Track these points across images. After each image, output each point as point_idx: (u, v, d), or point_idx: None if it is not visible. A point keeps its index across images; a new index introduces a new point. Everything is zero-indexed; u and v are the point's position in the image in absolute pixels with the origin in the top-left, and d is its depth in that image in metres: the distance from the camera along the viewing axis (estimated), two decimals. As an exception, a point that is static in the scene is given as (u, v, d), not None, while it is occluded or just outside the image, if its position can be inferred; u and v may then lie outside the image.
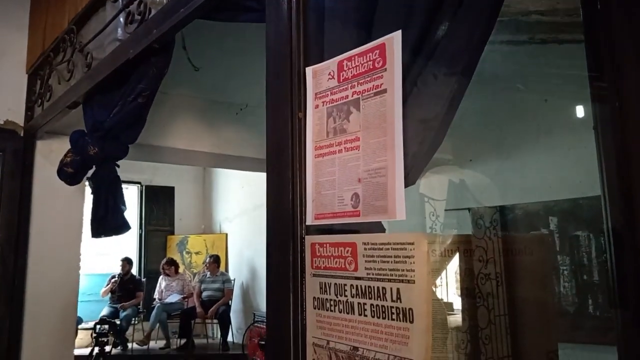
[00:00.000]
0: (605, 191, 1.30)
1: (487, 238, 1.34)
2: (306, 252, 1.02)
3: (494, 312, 1.37)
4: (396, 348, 0.82)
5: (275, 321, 1.06)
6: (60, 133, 2.83)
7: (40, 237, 2.82)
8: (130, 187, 7.52)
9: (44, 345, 2.69)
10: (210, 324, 7.10)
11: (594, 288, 3.79)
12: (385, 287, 0.85)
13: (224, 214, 7.79)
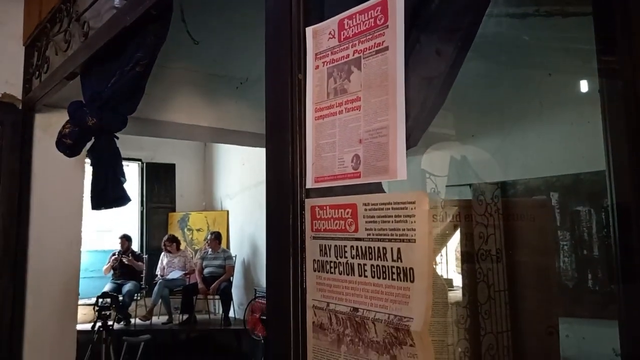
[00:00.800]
0: (610, 166, 1.29)
1: (488, 214, 1.34)
2: (306, 215, 1.01)
3: (493, 287, 1.37)
4: (396, 308, 0.81)
5: (276, 285, 1.05)
6: (59, 106, 2.80)
7: (41, 211, 2.82)
8: (131, 164, 7.51)
9: (46, 318, 2.72)
10: (212, 299, 7.17)
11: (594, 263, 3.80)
12: (385, 247, 0.84)
13: (225, 191, 7.80)
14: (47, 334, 2.73)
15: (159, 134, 4.13)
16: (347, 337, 0.91)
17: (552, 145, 3.96)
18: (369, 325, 0.86)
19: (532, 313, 1.42)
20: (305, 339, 0.99)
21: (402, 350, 0.80)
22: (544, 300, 1.42)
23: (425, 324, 0.77)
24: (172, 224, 7.74)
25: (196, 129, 3.65)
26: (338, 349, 0.92)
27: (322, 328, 0.96)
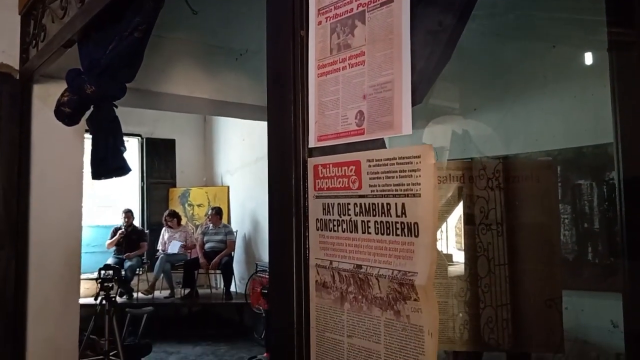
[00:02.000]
0: (618, 138, 1.27)
1: (489, 189, 1.33)
2: (309, 174, 0.99)
3: (493, 261, 1.37)
4: (400, 263, 0.81)
5: (278, 245, 1.05)
6: (57, 77, 2.76)
7: (41, 183, 2.81)
8: (130, 139, 7.48)
9: (50, 290, 2.73)
10: (214, 274, 7.23)
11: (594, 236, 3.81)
12: (389, 203, 0.83)
13: (226, 167, 7.79)
14: (51, 305, 2.74)
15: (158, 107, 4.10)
16: (350, 294, 0.90)
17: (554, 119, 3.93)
18: (372, 281, 0.86)
19: (531, 286, 1.42)
20: (308, 298, 0.99)
21: (406, 305, 0.80)
22: (544, 272, 1.42)
23: (430, 278, 0.76)
24: (172, 200, 7.75)
25: (195, 101, 3.62)
26: (341, 306, 0.92)
27: (325, 286, 0.95)
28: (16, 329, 2.61)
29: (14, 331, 2.60)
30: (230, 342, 6.32)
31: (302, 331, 0.99)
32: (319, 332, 0.96)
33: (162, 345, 6.12)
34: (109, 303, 3.41)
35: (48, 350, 2.70)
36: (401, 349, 0.81)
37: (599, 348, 3.52)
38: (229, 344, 6.26)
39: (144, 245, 6.91)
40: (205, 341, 6.38)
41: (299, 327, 0.99)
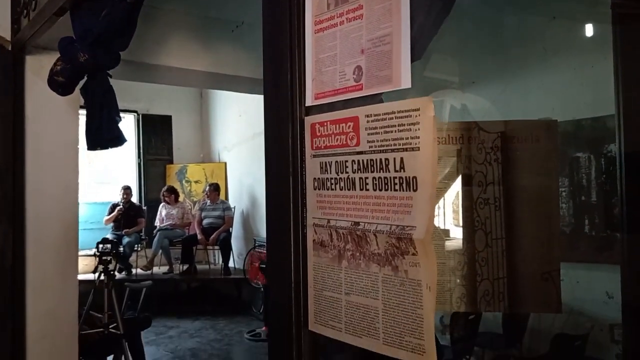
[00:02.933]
0: (620, 111, 1.26)
1: (487, 163, 1.32)
2: (306, 133, 0.98)
3: (491, 235, 1.37)
4: (398, 218, 0.80)
5: (275, 205, 1.04)
6: (49, 48, 2.72)
7: (36, 156, 2.78)
8: (126, 115, 7.42)
9: (48, 263, 2.72)
10: (212, 250, 7.26)
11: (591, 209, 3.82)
12: (388, 158, 0.82)
13: (223, 143, 7.75)
14: (50, 279, 2.74)
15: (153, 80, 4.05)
16: (347, 252, 0.90)
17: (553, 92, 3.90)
18: (370, 238, 0.85)
19: (528, 259, 1.43)
20: (306, 258, 0.98)
21: (404, 260, 0.80)
22: (542, 244, 1.42)
23: (428, 232, 0.76)
24: (170, 176, 7.73)
25: (191, 74, 3.57)
26: (339, 264, 0.92)
27: (323, 245, 0.95)
28: (15, 302, 2.61)
29: (13, 304, 2.61)
30: (229, 317, 6.39)
31: (300, 291, 0.99)
32: (317, 290, 0.96)
33: (161, 320, 6.19)
34: (107, 277, 3.42)
35: (48, 323, 2.72)
36: (399, 304, 0.81)
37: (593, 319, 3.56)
38: (227, 319, 6.33)
39: (141, 221, 6.92)
40: (204, 316, 6.44)
41: (296, 286, 0.99)
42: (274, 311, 1.04)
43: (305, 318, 0.99)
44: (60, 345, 2.78)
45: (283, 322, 1.00)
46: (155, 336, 5.64)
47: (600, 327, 3.48)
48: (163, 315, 6.36)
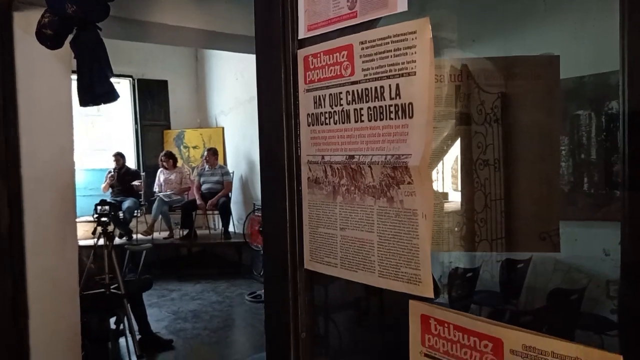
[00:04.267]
0: (625, 66, 1.21)
1: (487, 124, 1.29)
2: (299, 67, 0.95)
3: (490, 196, 1.35)
4: (394, 147, 0.78)
5: (269, 144, 1.01)
6: (37, 3, 2.64)
7: (29, 117, 2.73)
8: (121, 80, 7.32)
9: (45, 221, 2.72)
10: (212, 214, 7.28)
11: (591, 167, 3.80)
12: (383, 86, 0.79)
13: (220, 108, 7.67)
14: (48, 238, 2.74)
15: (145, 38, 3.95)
16: (342, 187, 0.88)
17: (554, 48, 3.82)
18: (365, 170, 0.83)
19: (527, 220, 1.42)
20: (300, 196, 0.96)
21: (399, 190, 0.78)
22: (540, 205, 1.42)
23: (424, 159, 0.73)
24: (167, 142, 7.68)
25: (185, 32, 3.48)
26: (334, 200, 0.90)
27: (317, 182, 0.93)
28: (14, 261, 2.62)
29: (12, 263, 2.61)
30: (230, 280, 6.46)
31: (295, 229, 0.97)
32: (312, 228, 0.95)
33: (163, 283, 6.26)
34: (106, 238, 3.43)
35: (48, 283, 2.73)
36: (395, 236, 0.79)
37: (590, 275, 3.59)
38: (228, 282, 6.40)
39: (140, 181, 6.92)
40: (206, 279, 6.52)
41: (291, 225, 0.98)
42: (269, 251, 1.03)
43: (301, 257, 0.98)
44: (61, 304, 2.81)
45: (279, 261, 0.99)
46: (157, 299, 5.71)
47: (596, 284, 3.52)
48: (165, 279, 6.44)
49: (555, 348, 0.62)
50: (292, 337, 0.98)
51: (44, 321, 2.70)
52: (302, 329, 0.99)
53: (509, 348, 0.66)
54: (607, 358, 0.58)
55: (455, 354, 0.72)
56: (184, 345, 4.46)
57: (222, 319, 5.13)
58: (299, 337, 0.98)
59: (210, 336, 4.70)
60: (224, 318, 5.17)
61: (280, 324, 0.99)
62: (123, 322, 4.35)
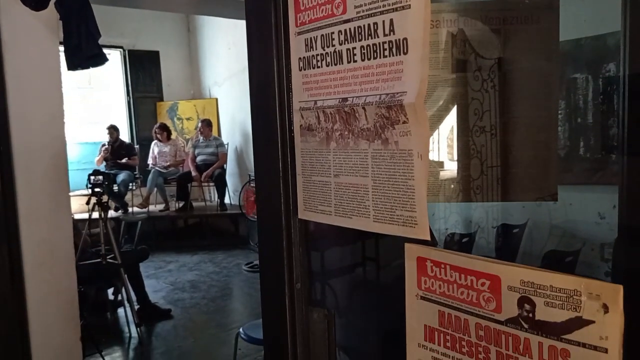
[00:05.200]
0: (626, 28, 1.17)
1: (484, 90, 1.26)
2: (289, 9, 0.91)
3: (486, 163, 1.34)
4: (388, 86, 0.75)
5: (259, 92, 0.98)
6: (20, -35, 2.55)
7: (17, 83, 2.67)
8: (112, 51, 7.19)
9: (38, 189, 2.69)
10: (207, 186, 7.26)
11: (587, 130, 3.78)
12: (377, 22, 0.76)
13: (213, 78, 7.57)
14: (42, 206, 2.72)
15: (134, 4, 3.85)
16: (336, 132, 0.86)
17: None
18: (359, 113, 0.80)
19: (523, 186, 1.41)
20: (293, 145, 0.94)
21: (394, 130, 0.75)
22: (537, 171, 1.41)
23: (420, 95, 0.71)
24: (160, 114, 7.60)
25: (175, -4, 3.39)
26: (327, 146, 0.88)
27: (310, 129, 0.90)
28: (9, 230, 2.60)
29: (7, 232, 2.60)
30: (227, 251, 6.49)
31: (288, 179, 0.95)
32: (305, 177, 0.93)
33: (160, 255, 6.29)
34: (101, 208, 3.41)
35: (44, 251, 2.72)
36: (389, 178, 0.77)
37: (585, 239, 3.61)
38: (225, 253, 6.43)
39: (135, 158, 6.87)
40: (203, 250, 6.54)
41: (284, 175, 0.95)
42: (262, 203, 1.01)
43: (295, 207, 0.96)
44: (58, 274, 2.80)
45: (272, 212, 0.97)
46: (155, 270, 5.74)
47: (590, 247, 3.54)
48: (162, 251, 6.46)
49: (553, 282, 0.60)
50: (287, 288, 0.97)
51: (41, 290, 2.70)
52: (297, 279, 0.97)
53: (506, 285, 0.65)
54: (608, 289, 0.57)
55: (451, 295, 0.71)
56: (183, 315, 4.50)
57: (219, 289, 5.17)
58: (293, 288, 0.97)
59: (209, 305, 4.74)
60: (221, 288, 5.21)
61: (275, 275, 0.98)
62: (121, 293, 4.38)
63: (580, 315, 0.59)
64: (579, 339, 0.59)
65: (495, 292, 0.66)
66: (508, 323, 0.65)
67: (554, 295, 0.60)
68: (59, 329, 2.82)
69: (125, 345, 4.01)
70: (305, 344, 0.97)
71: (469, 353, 0.70)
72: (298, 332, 0.98)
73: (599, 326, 0.57)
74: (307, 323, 0.97)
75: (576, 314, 0.59)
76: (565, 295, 0.60)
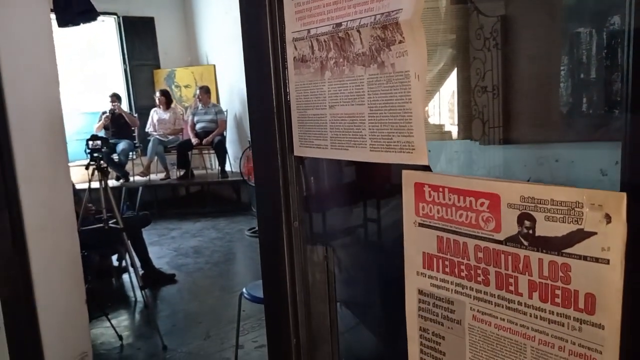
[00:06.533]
0: None
1: (486, 49, 1.22)
2: None
3: (488, 124, 1.32)
4: (383, 5, 0.72)
5: (249, 23, 0.95)
6: None
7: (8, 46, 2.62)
8: (106, 18, 7.06)
9: (36, 152, 2.66)
10: (207, 154, 7.24)
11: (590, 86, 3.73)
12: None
13: (210, 44, 7.45)
14: (40, 169, 2.70)
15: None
16: (330, 60, 0.83)
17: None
18: (353, 36, 0.77)
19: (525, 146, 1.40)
20: (287, 79, 0.91)
21: (390, 52, 0.72)
22: (538, 129, 1.39)
23: (417, 12, 0.68)
24: (158, 82, 7.51)
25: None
26: (322, 77, 0.85)
27: (304, 60, 0.87)
28: (8, 194, 2.59)
29: (6, 196, 2.59)
30: (229, 217, 6.51)
31: (282, 115, 0.93)
32: (300, 111, 0.90)
33: (163, 223, 6.32)
34: (101, 173, 3.40)
35: (44, 214, 2.72)
36: (386, 104, 0.75)
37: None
38: (228, 219, 6.45)
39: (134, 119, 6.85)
40: (205, 217, 6.57)
41: (279, 111, 0.93)
42: (258, 142, 0.99)
43: (290, 144, 0.94)
44: (60, 237, 2.81)
45: (267, 151, 0.95)
46: (158, 237, 5.77)
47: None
48: (164, 218, 6.49)
49: (554, 195, 0.59)
50: (285, 227, 0.96)
51: (44, 253, 2.71)
52: (294, 218, 0.96)
53: (506, 202, 0.63)
54: (611, 197, 0.55)
55: (450, 219, 0.70)
56: (186, 279, 4.54)
57: (222, 254, 5.20)
58: (291, 226, 0.96)
59: (212, 269, 4.78)
60: (224, 253, 5.25)
61: (272, 213, 0.97)
62: (125, 259, 4.42)
63: (582, 228, 0.57)
64: (580, 252, 0.57)
65: (494, 211, 0.64)
66: (507, 242, 0.64)
67: (555, 209, 0.59)
68: (64, 292, 2.85)
69: (131, 308, 4.06)
70: (304, 282, 0.96)
71: (468, 277, 0.69)
72: (297, 270, 0.97)
73: (600, 237, 0.56)
74: (305, 260, 0.96)
75: (577, 227, 0.57)
76: (566, 208, 0.58)
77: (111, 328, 3.44)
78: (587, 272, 0.57)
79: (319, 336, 1.03)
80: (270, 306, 1.01)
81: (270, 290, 1.01)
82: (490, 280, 0.66)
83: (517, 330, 0.64)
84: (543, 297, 0.61)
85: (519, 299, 0.64)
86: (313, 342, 1.01)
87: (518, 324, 0.64)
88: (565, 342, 0.60)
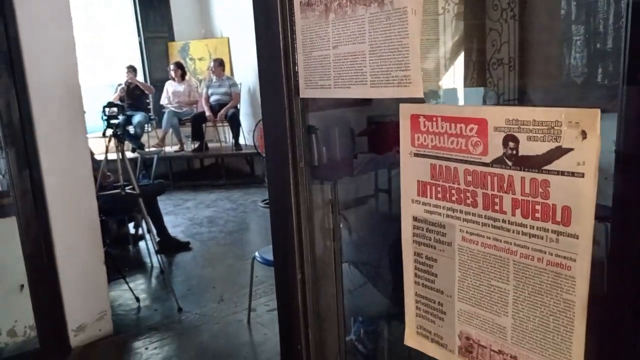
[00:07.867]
0: None
1: (503, 21, 1.24)
2: None
3: (503, 97, 1.34)
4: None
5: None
6: None
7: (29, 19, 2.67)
8: (121, -10, 7.09)
9: (54, 117, 2.74)
10: (221, 126, 7.30)
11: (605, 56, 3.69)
12: None
13: (224, 17, 7.45)
14: (59, 135, 2.77)
15: None
16: (334, 2, 0.87)
17: None
18: (355, -23, 0.81)
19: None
20: (293, 24, 0.96)
21: (389, -10, 0.76)
22: (553, 102, 1.40)
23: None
24: (172, 55, 7.56)
25: None
26: (326, 19, 0.89)
27: (309, 4, 0.92)
28: (29, 157, 2.69)
29: (27, 159, 2.69)
30: (243, 189, 6.61)
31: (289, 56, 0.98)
32: (306, 54, 0.95)
33: (177, 194, 6.45)
34: (117, 140, 3.48)
35: (63, 178, 2.82)
36: (385, 40, 0.79)
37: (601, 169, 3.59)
38: (242, 190, 6.55)
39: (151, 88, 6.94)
40: (219, 189, 6.68)
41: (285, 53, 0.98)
42: (265, 85, 1.04)
43: (296, 87, 0.99)
44: (79, 199, 2.91)
45: (274, 92, 1.00)
46: (173, 207, 5.90)
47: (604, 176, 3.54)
48: (179, 189, 6.62)
49: (536, 116, 0.63)
50: (291, 167, 1.02)
51: (64, 214, 2.81)
52: (300, 158, 1.02)
53: (492, 126, 0.67)
54: (586, 114, 0.59)
55: (442, 146, 0.74)
56: (201, 247, 4.66)
57: (236, 224, 5.31)
58: (297, 167, 1.02)
59: (226, 238, 4.89)
60: (238, 222, 5.35)
61: (279, 154, 1.02)
62: (141, 226, 4.54)
63: (560, 145, 0.62)
64: (557, 168, 0.62)
65: (482, 134, 0.69)
66: (494, 164, 0.68)
67: (537, 130, 0.63)
68: (83, 252, 2.96)
69: (148, 273, 4.20)
70: (309, 218, 1.02)
71: (458, 200, 0.74)
72: (302, 209, 1.03)
73: (577, 152, 0.60)
74: (310, 198, 1.02)
75: (556, 144, 0.62)
76: (546, 127, 0.62)
77: (129, 291, 3.57)
78: (564, 186, 0.62)
79: (323, 273, 1.09)
80: (277, 238, 1.07)
81: (278, 227, 1.07)
82: (478, 201, 0.71)
83: (501, 246, 0.70)
84: (524, 214, 0.66)
85: (503, 217, 0.69)
86: (316, 277, 1.07)
87: (502, 241, 0.69)
88: (544, 254, 0.65)
